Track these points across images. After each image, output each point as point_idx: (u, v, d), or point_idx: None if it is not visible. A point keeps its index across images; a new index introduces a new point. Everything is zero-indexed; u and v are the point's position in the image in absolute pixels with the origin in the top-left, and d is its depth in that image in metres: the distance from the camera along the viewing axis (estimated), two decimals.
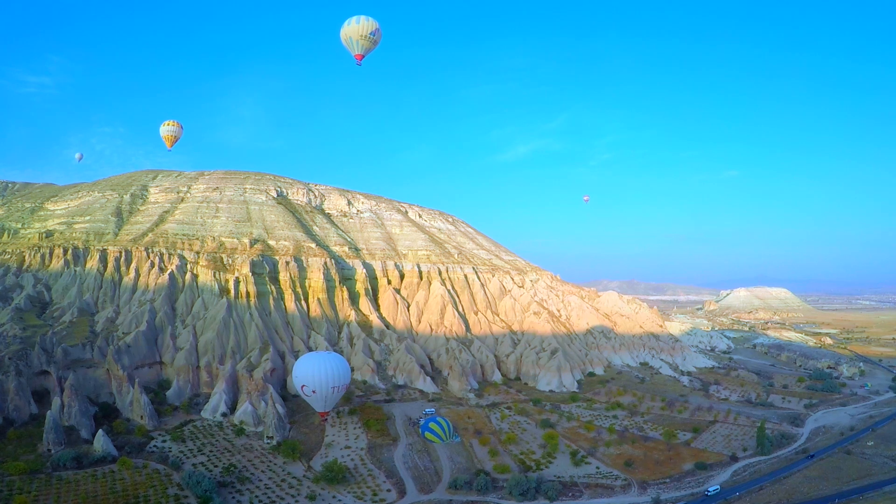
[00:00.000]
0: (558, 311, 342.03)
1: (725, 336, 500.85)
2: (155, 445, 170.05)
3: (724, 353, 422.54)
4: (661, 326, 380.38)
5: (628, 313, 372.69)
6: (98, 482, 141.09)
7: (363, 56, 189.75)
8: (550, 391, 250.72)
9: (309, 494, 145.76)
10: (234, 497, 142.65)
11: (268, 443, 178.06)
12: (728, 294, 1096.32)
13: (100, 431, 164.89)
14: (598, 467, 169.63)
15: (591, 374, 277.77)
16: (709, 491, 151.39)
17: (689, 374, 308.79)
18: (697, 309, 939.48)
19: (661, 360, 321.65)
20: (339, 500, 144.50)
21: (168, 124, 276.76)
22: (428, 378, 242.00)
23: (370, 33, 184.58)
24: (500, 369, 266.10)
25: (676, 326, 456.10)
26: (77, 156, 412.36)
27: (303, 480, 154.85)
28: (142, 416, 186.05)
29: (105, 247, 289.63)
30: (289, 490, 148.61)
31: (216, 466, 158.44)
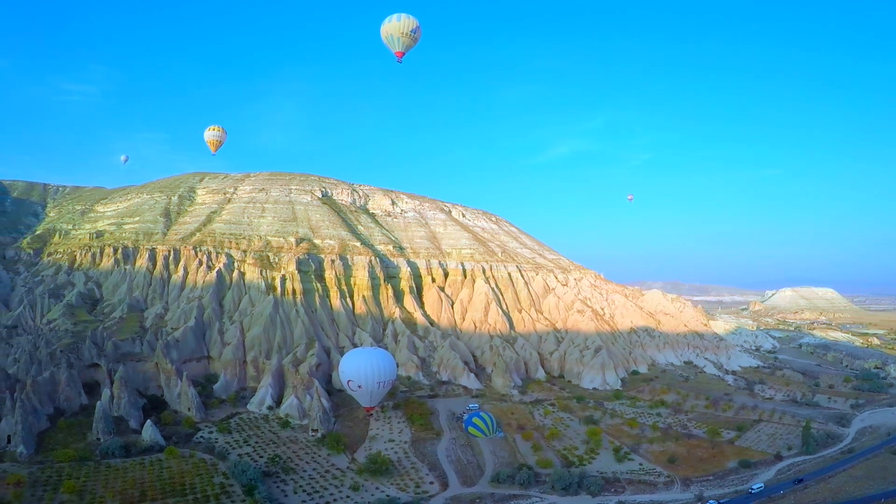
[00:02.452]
0: (602, 309, 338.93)
1: (771, 336, 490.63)
2: (202, 436, 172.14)
3: (770, 352, 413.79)
4: (705, 325, 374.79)
5: (672, 312, 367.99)
6: (145, 469, 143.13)
7: (404, 53, 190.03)
8: (594, 389, 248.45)
9: (352, 485, 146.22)
10: (278, 486, 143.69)
11: (312, 435, 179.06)
12: (773, 294, 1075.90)
13: (148, 422, 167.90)
14: (641, 464, 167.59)
15: (635, 373, 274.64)
16: (752, 489, 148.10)
17: (733, 373, 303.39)
18: (742, 309, 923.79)
19: (706, 358, 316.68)
20: (382, 492, 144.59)
21: (212, 129, 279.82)
22: (472, 375, 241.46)
23: (411, 31, 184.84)
24: (543, 367, 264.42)
25: (721, 325, 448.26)
26: (122, 157, 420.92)
27: (346, 472, 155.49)
28: (189, 409, 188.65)
29: (154, 246, 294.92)
30: (332, 481, 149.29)
31: (261, 457, 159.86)
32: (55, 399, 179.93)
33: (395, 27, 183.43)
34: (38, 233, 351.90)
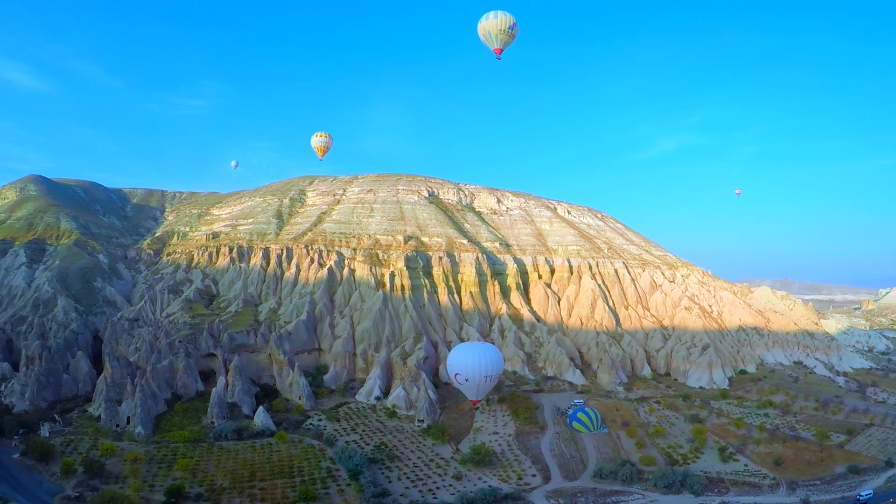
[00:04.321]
0: (710, 306, 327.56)
1: (884, 336, 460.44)
2: (311, 423, 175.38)
3: (883, 353, 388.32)
4: (816, 324, 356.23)
5: (782, 310, 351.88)
6: (256, 452, 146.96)
7: (502, 50, 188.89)
8: (700, 388, 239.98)
9: (455, 474, 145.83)
10: (383, 473, 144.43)
11: (418, 425, 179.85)
12: (887, 293, 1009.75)
13: (260, 408, 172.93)
14: (746, 465, 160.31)
15: (743, 372, 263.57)
16: (861, 495, 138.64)
17: (844, 374, 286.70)
18: (854, 309, 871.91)
19: (816, 359, 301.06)
20: (485, 482, 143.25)
21: (319, 136, 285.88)
22: (577, 370, 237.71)
23: (508, 27, 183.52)
24: (649, 364, 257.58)
25: (832, 325, 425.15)
26: (233, 163, 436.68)
27: (450, 461, 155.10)
28: (300, 397, 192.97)
29: (267, 245, 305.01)
30: (436, 469, 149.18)
31: (367, 444, 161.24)
32: (173, 385, 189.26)
33: (493, 24, 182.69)
34: (157, 235, 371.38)
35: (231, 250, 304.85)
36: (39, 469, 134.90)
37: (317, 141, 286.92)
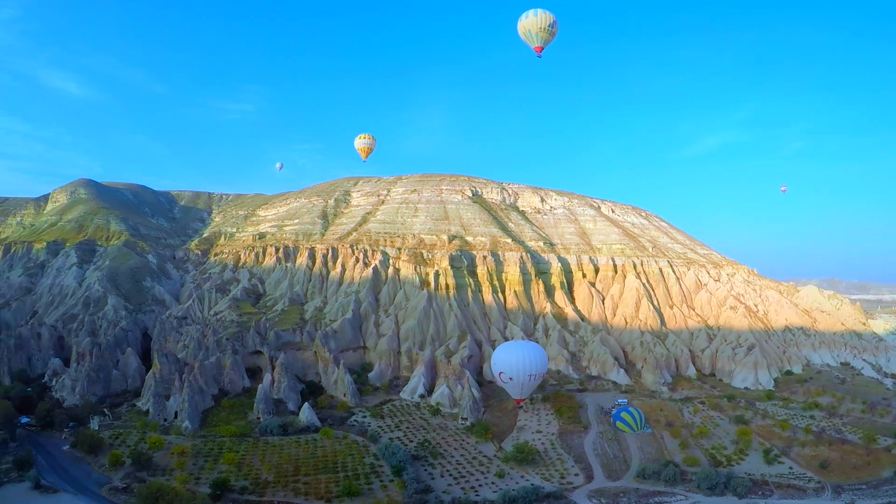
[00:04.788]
0: (755, 306, 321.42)
1: None
2: (355, 420, 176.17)
3: None
4: (863, 324, 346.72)
5: (829, 309, 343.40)
6: (300, 447, 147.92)
7: (543, 48, 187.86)
8: (745, 388, 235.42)
9: (498, 472, 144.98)
10: (426, 470, 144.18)
11: (462, 423, 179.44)
12: None
13: (305, 404, 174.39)
14: (790, 467, 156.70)
15: (789, 373, 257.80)
16: None
17: (893, 376, 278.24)
18: None
19: (864, 360, 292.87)
20: (527, 480, 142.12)
21: (362, 138, 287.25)
22: (621, 370, 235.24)
23: (548, 25, 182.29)
24: (694, 364, 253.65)
25: (881, 325, 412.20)
26: (277, 165, 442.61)
27: (493, 459, 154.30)
28: (344, 394, 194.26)
29: (313, 245, 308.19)
30: (479, 467, 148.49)
31: (411, 441, 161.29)
32: (220, 381, 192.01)
33: (533, 23, 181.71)
34: (204, 236, 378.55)
35: (277, 250, 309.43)
36: (88, 461, 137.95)
37: (360, 143, 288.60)
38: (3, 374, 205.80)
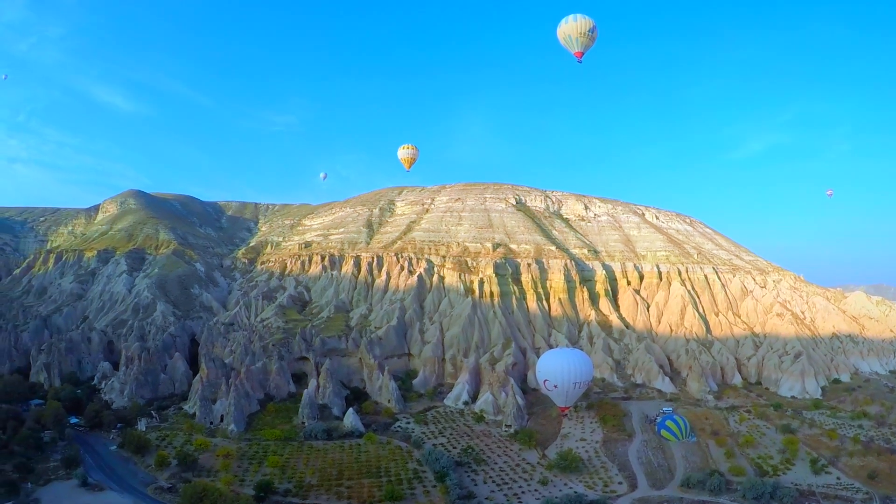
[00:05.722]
0: (802, 313, 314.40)
1: None
2: (399, 426, 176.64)
3: None
4: None
5: (877, 316, 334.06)
6: (344, 452, 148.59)
7: (583, 53, 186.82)
8: (792, 397, 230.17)
9: (541, 479, 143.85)
10: (469, 476, 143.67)
11: (506, 430, 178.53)
12: None
13: (350, 410, 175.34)
14: (838, 477, 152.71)
15: (836, 381, 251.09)
16: None
17: None
18: None
19: None
20: (571, 488, 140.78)
21: (405, 148, 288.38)
22: (666, 378, 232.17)
23: (588, 30, 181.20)
24: (740, 372, 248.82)
25: None
26: (322, 175, 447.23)
27: (536, 466, 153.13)
28: (389, 400, 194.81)
29: (358, 254, 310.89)
30: (522, 474, 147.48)
31: (455, 448, 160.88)
32: (266, 386, 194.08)
33: (573, 28, 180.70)
34: (251, 245, 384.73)
35: (323, 258, 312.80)
36: (135, 460, 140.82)
37: (403, 153, 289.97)
38: (54, 377, 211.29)
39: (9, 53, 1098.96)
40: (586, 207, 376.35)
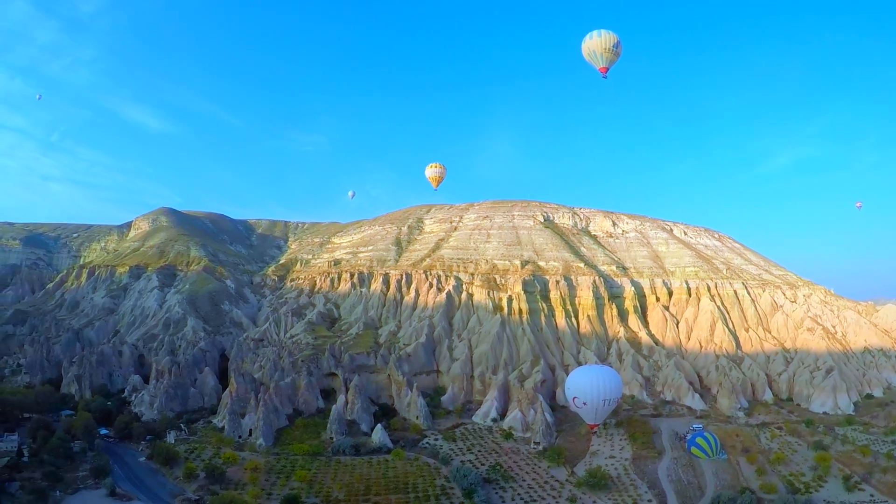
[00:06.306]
0: (833, 327, 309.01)
1: None
2: (427, 442, 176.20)
3: None
4: None
5: None
6: (372, 467, 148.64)
7: (608, 68, 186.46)
8: (824, 413, 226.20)
9: (570, 497, 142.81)
10: (497, 493, 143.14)
11: (534, 447, 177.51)
12: None
13: (378, 426, 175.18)
14: (871, 495, 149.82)
15: (869, 396, 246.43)
16: None
17: None
18: None
19: None
20: None
21: (433, 167, 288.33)
22: (696, 395, 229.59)
23: (612, 46, 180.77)
24: (771, 388, 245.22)
25: None
26: (350, 193, 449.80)
27: (565, 484, 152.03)
28: (417, 417, 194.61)
29: (387, 271, 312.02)
30: (550, 491, 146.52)
31: (483, 465, 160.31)
32: (294, 401, 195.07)
33: (597, 43, 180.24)
34: (281, 262, 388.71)
35: (352, 276, 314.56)
36: (163, 472, 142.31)
37: (431, 172, 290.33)
38: (85, 388, 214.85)
39: (43, 74, 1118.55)
40: (614, 224, 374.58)
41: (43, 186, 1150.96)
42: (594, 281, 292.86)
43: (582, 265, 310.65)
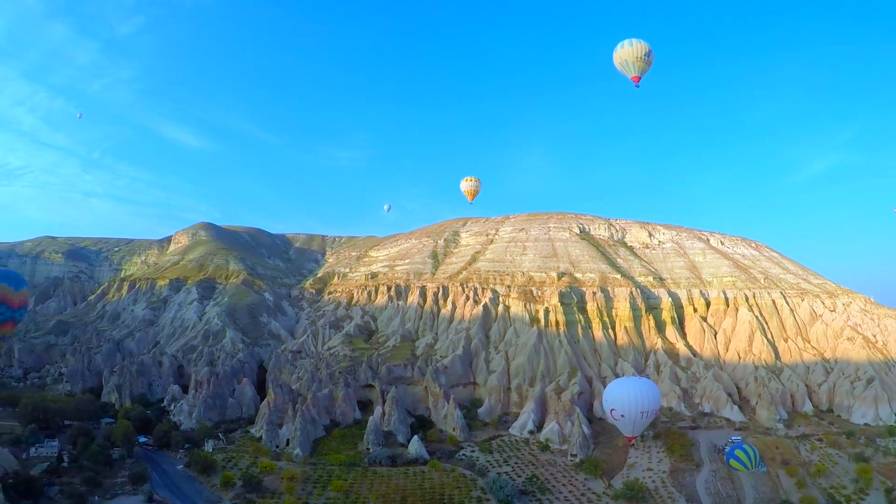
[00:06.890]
0: (874, 336, 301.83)
1: None
2: (464, 454, 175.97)
3: None
4: None
5: None
6: (408, 478, 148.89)
7: (640, 77, 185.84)
8: (865, 424, 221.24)
9: None
10: None
11: (571, 460, 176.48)
12: None
13: (415, 437, 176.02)
14: None
15: None
16: None
17: None
18: None
19: None
20: None
21: (468, 180, 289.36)
22: (735, 406, 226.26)
23: (644, 55, 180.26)
24: (810, 399, 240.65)
25: None
26: (386, 207, 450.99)
27: (602, 496, 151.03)
28: (454, 428, 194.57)
29: (424, 284, 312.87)
30: (587, 503, 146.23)
31: (519, 476, 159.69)
32: (331, 412, 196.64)
33: (629, 53, 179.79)
34: (318, 275, 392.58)
35: (389, 289, 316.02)
36: (201, 480, 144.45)
37: (466, 185, 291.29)
38: (125, 397, 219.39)
39: (83, 94, 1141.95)
40: (650, 235, 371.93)
41: (85, 202, 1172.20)
42: (631, 292, 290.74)
43: (618, 276, 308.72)
